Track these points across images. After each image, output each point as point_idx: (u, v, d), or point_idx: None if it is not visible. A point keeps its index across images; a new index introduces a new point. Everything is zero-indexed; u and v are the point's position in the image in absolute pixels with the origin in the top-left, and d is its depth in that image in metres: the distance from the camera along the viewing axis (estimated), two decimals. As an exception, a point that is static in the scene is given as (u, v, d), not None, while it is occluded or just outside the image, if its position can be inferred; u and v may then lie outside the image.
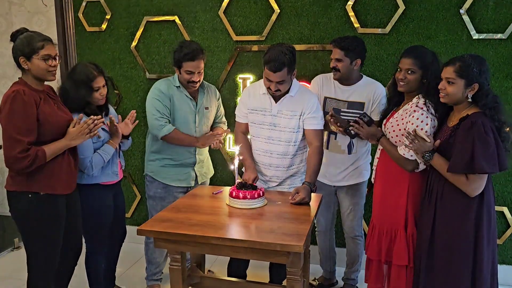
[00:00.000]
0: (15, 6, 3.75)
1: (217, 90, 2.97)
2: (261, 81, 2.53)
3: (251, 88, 2.62)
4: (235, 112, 2.66)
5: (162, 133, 2.65)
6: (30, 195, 2.11)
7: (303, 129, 2.49)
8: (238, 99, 2.63)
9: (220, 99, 2.98)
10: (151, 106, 2.69)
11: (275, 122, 2.48)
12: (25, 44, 2.07)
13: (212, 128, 2.94)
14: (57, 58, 2.16)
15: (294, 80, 2.48)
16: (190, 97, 2.74)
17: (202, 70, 2.68)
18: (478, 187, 1.97)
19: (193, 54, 2.59)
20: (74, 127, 2.17)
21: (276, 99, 2.47)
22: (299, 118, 2.46)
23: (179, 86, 2.72)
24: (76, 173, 2.32)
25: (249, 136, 2.64)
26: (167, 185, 2.79)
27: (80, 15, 3.60)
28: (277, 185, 2.58)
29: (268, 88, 2.41)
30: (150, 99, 2.70)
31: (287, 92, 2.45)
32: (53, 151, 2.11)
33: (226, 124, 3.02)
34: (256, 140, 2.55)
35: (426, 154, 2.05)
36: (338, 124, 2.56)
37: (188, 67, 2.61)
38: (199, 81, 2.69)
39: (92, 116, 2.23)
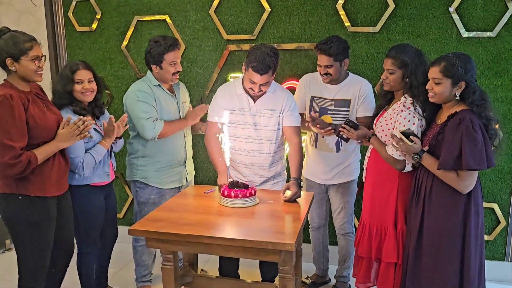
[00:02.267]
0: (3, 6, 3.70)
1: (183, 84, 2.94)
2: (236, 80, 2.52)
3: (226, 88, 2.54)
4: (208, 112, 2.57)
5: (155, 132, 2.56)
6: (20, 197, 2.09)
7: (282, 126, 2.49)
8: (213, 98, 2.59)
9: (187, 91, 2.97)
10: (137, 110, 2.58)
11: (255, 121, 2.47)
12: (11, 45, 2.02)
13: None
14: (43, 58, 2.12)
15: None
16: (171, 94, 2.72)
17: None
18: (469, 184, 1.98)
19: (175, 43, 2.59)
20: (63, 128, 2.15)
21: (255, 98, 2.46)
22: (279, 116, 2.47)
23: (159, 85, 2.66)
24: (67, 174, 2.30)
25: (221, 135, 2.47)
26: (160, 189, 2.74)
27: (70, 14, 3.58)
28: (260, 184, 2.58)
29: (250, 89, 2.39)
30: (134, 103, 2.59)
31: None
32: (43, 154, 2.08)
33: None
34: (236, 141, 2.51)
35: (415, 156, 2.07)
36: (319, 126, 2.56)
37: (171, 57, 2.57)
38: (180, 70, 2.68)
39: (82, 117, 2.20)
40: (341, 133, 2.47)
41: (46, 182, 2.13)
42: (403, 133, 2.08)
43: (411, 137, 2.05)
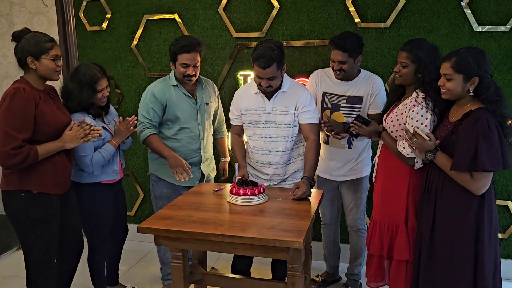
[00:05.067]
0: (16, 7, 3.76)
1: (215, 85, 2.93)
2: (252, 81, 2.53)
3: (242, 89, 2.62)
4: (229, 116, 2.65)
5: (141, 137, 2.63)
6: (23, 194, 2.13)
7: (298, 123, 2.48)
8: (231, 102, 2.65)
9: (219, 96, 2.95)
10: (139, 109, 2.67)
11: (271, 119, 2.47)
12: (33, 44, 2.09)
13: (215, 137, 2.93)
14: (61, 58, 2.19)
15: (285, 76, 2.48)
16: (188, 94, 2.69)
17: (199, 64, 2.63)
18: (483, 185, 1.92)
19: (189, 46, 2.54)
20: (71, 130, 2.19)
21: (269, 96, 2.46)
22: (294, 113, 2.46)
23: (176, 85, 2.66)
24: (70, 173, 2.32)
25: (245, 138, 2.63)
26: (173, 184, 2.73)
27: (81, 14, 3.61)
28: (279, 183, 2.59)
29: (259, 85, 2.40)
30: (142, 102, 2.67)
31: (279, 88, 2.45)
32: (46, 151, 2.11)
33: (226, 133, 3.02)
34: (253, 140, 2.54)
35: (428, 154, 2.02)
36: (334, 132, 2.56)
37: (183, 59, 2.55)
38: (195, 75, 2.63)
39: (91, 123, 2.25)
40: (351, 129, 2.44)
41: (48, 179, 2.16)
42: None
43: (426, 132, 2.01)
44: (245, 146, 2.65)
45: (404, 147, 2.18)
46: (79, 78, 2.38)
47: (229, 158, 3.08)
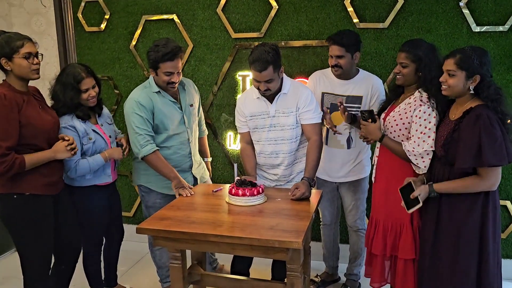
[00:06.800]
0: (14, 7, 3.75)
1: (193, 83, 2.82)
2: (253, 86, 2.52)
3: (244, 95, 2.61)
4: (236, 124, 2.64)
5: (141, 153, 2.47)
6: (15, 196, 2.12)
7: (301, 124, 2.49)
8: (235, 110, 2.62)
9: (199, 92, 2.84)
10: (131, 121, 2.48)
11: (275, 122, 2.48)
12: (4, 45, 2.05)
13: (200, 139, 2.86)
14: (39, 56, 2.15)
15: (286, 78, 2.48)
16: (172, 99, 2.57)
17: (181, 70, 2.50)
18: (496, 180, 1.93)
19: (172, 53, 2.40)
20: (62, 141, 2.19)
21: (271, 99, 2.46)
22: (296, 114, 2.46)
23: (159, 91, 2.53)
24: (62, 173, 2.31)
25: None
26: (166, 194, 2.65)
27: (79, 15, 3.61)
28: (286, 183, 2.59)
29: (258, 89, 2.40)
30: (130, 114, 2.49)
31: (280, 90, 2.44)
32: (35, 161, 2.10)
33: (206, 132, 2.98)
34: (260, 144, 2.54)
35: (432, 194, 2.05)
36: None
37: (166, 68, 2.42)
38: (179, 81, 2.52)
39: (70, 137, 2.23)
40: (360, 130, 2.42)
41: (40, 180, 2.16)
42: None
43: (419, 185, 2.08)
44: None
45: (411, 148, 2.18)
46: (63, 79, 2.35)
47: (211, 158, 3.04)
